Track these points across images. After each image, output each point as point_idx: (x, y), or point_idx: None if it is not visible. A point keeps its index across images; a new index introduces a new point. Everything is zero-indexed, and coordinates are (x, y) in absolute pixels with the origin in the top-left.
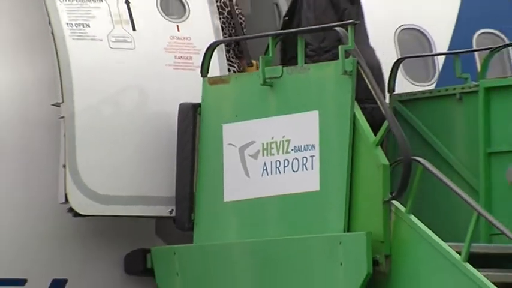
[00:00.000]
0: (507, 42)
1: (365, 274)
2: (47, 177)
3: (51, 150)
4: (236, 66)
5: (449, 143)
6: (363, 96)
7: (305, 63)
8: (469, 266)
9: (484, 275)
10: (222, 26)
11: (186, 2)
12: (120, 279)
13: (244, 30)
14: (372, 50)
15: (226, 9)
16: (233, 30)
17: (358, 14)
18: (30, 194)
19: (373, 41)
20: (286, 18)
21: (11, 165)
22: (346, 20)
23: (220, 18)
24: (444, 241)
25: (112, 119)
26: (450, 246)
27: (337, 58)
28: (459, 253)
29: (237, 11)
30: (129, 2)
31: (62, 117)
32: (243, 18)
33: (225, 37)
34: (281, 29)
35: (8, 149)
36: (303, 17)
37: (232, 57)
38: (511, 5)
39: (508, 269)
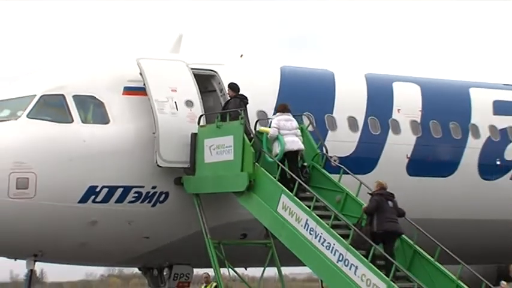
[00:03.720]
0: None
1: (247, 183)
2: (151, 154)
3: (152, 146)
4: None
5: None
6: (247, 132)
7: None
8: (280, 184)
9: (283, 187)
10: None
11: (192, 101)
12: (174, 186)
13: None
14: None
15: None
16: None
17: (246, 107)
18: (146, 160)
19: (251, 113)
20: (223, 106)
21: (145, 151)
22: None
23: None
24: (273, 176)
25: (171, 137)
26: (274, 178)
27: (237, 119)
28: (275, 177)
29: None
30: (176, 102)
31: (155, 136)
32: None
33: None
34: (222, 109)
35: (142, 147)
36: (230, 105)
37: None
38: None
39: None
